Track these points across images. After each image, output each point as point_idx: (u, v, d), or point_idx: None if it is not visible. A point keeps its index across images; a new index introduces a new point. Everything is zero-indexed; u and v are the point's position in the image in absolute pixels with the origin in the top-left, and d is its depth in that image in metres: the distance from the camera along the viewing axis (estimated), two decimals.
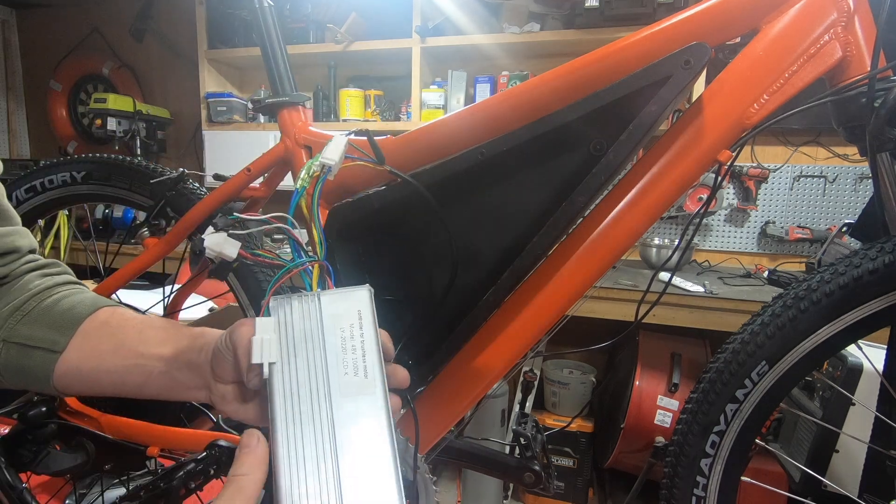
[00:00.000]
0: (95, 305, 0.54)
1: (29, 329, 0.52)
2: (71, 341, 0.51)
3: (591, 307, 1.56)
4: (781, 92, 0.55)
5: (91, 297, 0.55)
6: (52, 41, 2.88)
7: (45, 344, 0.51)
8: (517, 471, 0.77)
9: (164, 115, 2.65)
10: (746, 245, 2.11)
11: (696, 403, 0.64)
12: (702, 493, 0.64)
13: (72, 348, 0.51)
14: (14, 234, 0.55)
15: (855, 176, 1.97)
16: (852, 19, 0.54)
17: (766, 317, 0.61)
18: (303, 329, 0.37)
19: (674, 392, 1.67)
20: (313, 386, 0.35)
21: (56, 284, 0.56)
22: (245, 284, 0.85)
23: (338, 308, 0.37)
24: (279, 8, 0.99)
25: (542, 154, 0.58)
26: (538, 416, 1.98)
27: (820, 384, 1.45)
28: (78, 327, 0.52)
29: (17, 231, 0.56)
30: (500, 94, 0.63)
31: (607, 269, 0.62)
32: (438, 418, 0.68)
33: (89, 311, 0.53)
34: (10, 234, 0.54)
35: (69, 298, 0.54)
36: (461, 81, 2.18)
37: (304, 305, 0.38)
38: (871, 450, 0.96)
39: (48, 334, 0.51)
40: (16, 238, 0.55)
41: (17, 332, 0.52)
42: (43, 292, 0.54)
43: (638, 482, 1.07)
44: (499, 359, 0.65)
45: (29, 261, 0.56)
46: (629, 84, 0.54)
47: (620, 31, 1.83)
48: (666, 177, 0.59)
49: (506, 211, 0.60)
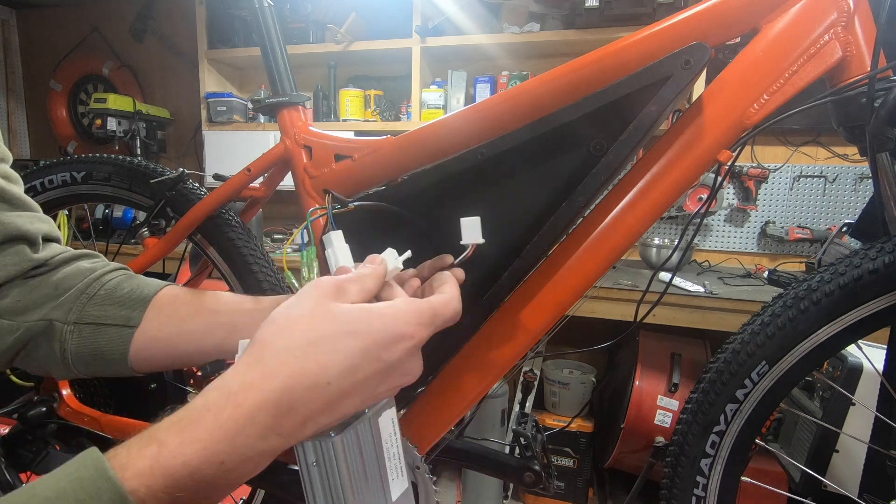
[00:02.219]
0: (159, 285, 0.55)
1: (98, 310, 0.52)
2: (145, 315, 0.52)
3: (591, 307, 1.56)
4: (781, 92, 0.55)
5: (151, 280, 0.56)
6: (52, 41, 2.88)
7: (119, 321, 0.52)
8: (517, 471, 0.77)
9: (164, 115, 2.65)
10: (746, 245, 2.11)
11: (696, 403, 0.64)
12: (702, 493, 0.64)
13: (147, 321, 0.52)
14: (37, 220, 0.55)
15: (855, 176, 1.97)
16: (852, 19, 0.54)
17: (766, 317, 0.61)
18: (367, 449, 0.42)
19: (674, 392, 1.67)
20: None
21: (111, 270, 0.57)
22: (246, 286, 0.85)
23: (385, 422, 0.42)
24: (279, 8, 0.99)
25: (542, 154, 0.58)
26: (538, 416, 1.98)
27: (820, 384, 1.45)
28: (149, 304, 0.53)
29: (39, 217, 0.56)
30: (500, 94, 0.63)
31: (607, 270, 0.62)
32: (438, 418, 0.68)
33: (156, 289, 0.54)
34: (36, 222, 0.55)
35: (131, 280, 0.56)
36: (461, 81, 2.18)
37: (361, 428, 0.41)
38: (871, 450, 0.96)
39: (120, 311, 0.52)
40: (39, 225, 0.55)
41: (87, 313, 0.52)
42: (103, 276, 0.55)
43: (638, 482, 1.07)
44: (498, 359, 0.65)
45: (64, 249, 0.57)
46: (629, 84, 0.54)
47: (620, 31, 1.83)
48: (666, 177, 0.59)
49: (505, 211, 0.60)
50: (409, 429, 0.68)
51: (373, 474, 0.40)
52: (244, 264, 0.83)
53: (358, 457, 0.39)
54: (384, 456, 0.41)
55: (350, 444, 0.38)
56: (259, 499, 0.88)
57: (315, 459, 0.37)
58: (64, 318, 0.52)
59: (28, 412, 0.84)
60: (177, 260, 1.21)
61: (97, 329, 0.52)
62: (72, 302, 0.53)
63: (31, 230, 0.53)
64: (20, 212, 0.53)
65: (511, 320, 0.64)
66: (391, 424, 0.42)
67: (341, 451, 0.37)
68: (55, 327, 0.52)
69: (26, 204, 0.55)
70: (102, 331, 0.52)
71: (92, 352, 0.52)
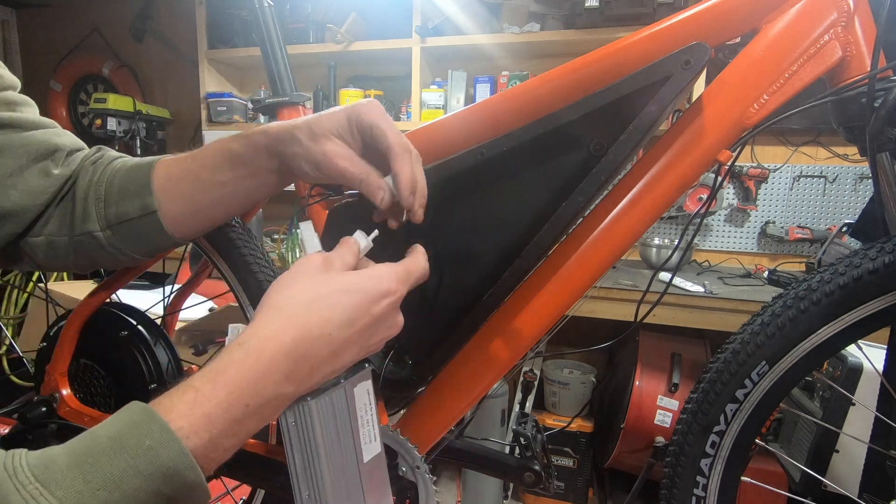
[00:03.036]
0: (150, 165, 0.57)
1: (116, 209, 0.56)
2: (155, 197, 0.55)
3: (591, 307, 1.56)
4: (781, 92, 0.55)
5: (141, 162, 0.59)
6: (52, 41, 2.88)
7: (140, 211, 0.55)
8: (517, 471, 0.77)
9: (164, 115, 2.65)
10: (746, 245, 2.11)
11: (696, 403, 0.64)
12: (702, 493, 0.64)
13: (162, 203, 0.55)
14: (50, 135, 0.58)
15: (855, 176, 1.97)
16: (852, 19, 0.54)
17: (766, 317, 0.61)
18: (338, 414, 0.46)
19: (674, 392, 1.67)
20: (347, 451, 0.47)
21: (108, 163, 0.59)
22: (245, 285, 0.85)
23: (361, 391, 0.47)
24: (279, 8, 0.99)
25: (542, 154, 0.58)
26: (538, 416, 1.98)
27: (820, 384, 1.45)
28: (151, 187, 0.55)
29: (53, 133, 0.59)
30: (500, 94, 0.63)
31: (607, 269, 0.62)
32: (438, 418, 0.68)
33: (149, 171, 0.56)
34: (47, 136, 0.57)
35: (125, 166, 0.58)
36: (461, 81, 2.18)
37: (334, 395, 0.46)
38: (871, 450, 0.96)
39: (134, 203, 0.55)
40: (52, 138, 0.58)
41: (111, 214, 0.56)
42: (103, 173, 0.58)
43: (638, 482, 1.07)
44: (499, 358, 0.65)
45: (86, 156, 0.60)
46: (629, 84, 0.54)
47: (620, 31, 1.83)
48: (666, 177, 0.59)
49: (506, 211, 0.60)
50: (409, 429, 0.68)
51: (345, 436, 0.45)
52: (244, 264, 0.83)
53: (331, 419, 0.44)
54: (358, 422, 0.46)
55: (324, 408, 0.43)
56: (259, 499, 0.88)
57: (294, 420, 0.42)
58: (97, 227, 0.56)
59: (28, 412, 0.84)
60: (177, 260, 1.21)
61: (129, 224, 0.56)
62: (94, 210, 0.56)
63: (49, 147, 0.57)
64: (34, 131, 0.57)
65: (511, 320, 0.64)
66: (367, 395, 0.47)
67: (316, 414, 0.43)
68: (96, 237, 0.56)
69: (40, 123, 0.58)
70: (135, 224, 0.56)
71: (141, 243, 0.57)
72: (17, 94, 0.58)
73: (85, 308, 0.85)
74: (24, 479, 0.30)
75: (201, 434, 0.35)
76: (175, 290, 1.06)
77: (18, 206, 0.55)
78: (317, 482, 0.44)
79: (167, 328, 1.00)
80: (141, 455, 0.32)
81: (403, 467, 0.64)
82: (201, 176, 0.55)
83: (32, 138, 0.56)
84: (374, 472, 0.49)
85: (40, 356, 0.90)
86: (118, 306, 0.93)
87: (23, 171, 0.55)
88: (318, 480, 0.44)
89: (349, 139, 0.50)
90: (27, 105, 0.58)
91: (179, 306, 1.08)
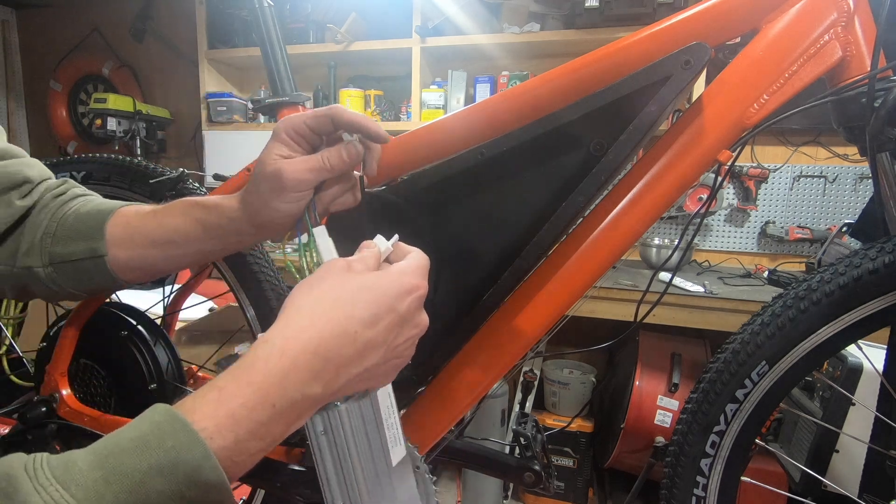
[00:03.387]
0: (109, 210, 0.56)
1: (63, 247, 0.55)
2: (106, 242, 0.54)
3: (591, 307, 1.56)
4: (781, 92, 0.55)
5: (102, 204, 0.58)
6: (52, 41, 2.87)
7: (86, 254, 0.54)
8: (517, 471, 0.77)
9: (164, 115, 2.64)
10: (746, 245, 2.11)
11: (696, 403, 0.64)
12: (702, 493, 0.64)
13: (111, 248, 0.54)
14: (21, 165, 0.57)
15: (855, 176, 1.97)
16: (852, 19, 0.54)
17: (766, 317, 0.61)
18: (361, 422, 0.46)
19: (674, 392, 1.67)
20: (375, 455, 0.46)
21: (68, 200, 0.59)
22: (245, 285, 0.85)
23: (383, 394, 0.46)
24: (279, 8, 0.99)
25: (543, 154, 0.58)
26: (538, 416, 1.98)
27: (820, 384, 1.45)
28: (104, 233, 0.54)
29: (24, 163, 0.58)
30: (500, 94, 0.63)
31: (607, 269, 0.62)
32: (438, 418, 0.68)
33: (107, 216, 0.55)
34: (18, 167, 0.57)
35: (85, 207, 0.57)
36: (461, 81, 2.18)
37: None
38: (871, 450, 0.96)
39: (82, 245, 0.55)
40: (23, 169, 0.57)
41: (55, 253, 0.55)
42: (60, 209, 0.57)
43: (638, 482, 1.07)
44: (498, 359, 0.65)
45: (49, 188, 0.59)
46: (629, 84, 0.54)
47: (620, 31, 1.83)
48: (666, 177, 0.59)
49: (506, 211, 0.60)
50: (410, 428, 0.68)
51: (374, 441, 0.44)
52: (244, 264, 0.83)
53: (361, 425, 0.43)
54: (384, 425, 0.45)
55: (353, 413, 0.42)
56: (259, 499, 0.88)
57: (323, 428, 0.41)
58: (39, 263, 0.55)
59: (28, 412, 0.84)
60: None
61: (73, 265, 0.55)
62: (39, 246, 0.56)
63: (17, 179, 0.56)
64: (3, 161, 0.56)
65: (511, 320, 0.64)
66: (388, 398, 0.46)
67: (346, 419, 0.42)
68: (35, 272, 0.55)
69: (8, 153, 0.57)
70: (78, 265, 0.55)
71: (81, 283, 0.56)
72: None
73: (85, 308, 0.85)
74: (45, 480, 0.30)
75: (226, 435, 0.34)
76: (175, 290, 1.06)
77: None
78: (352, 491, 0.42)
79: (167, 328, 1.00)
80: (164, 456, 0.32)
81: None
82: (156, 236, 0.54)
83: (1, 169, 0.56)
84: (404, 475, 0.48)
85: (40, 356, 0.90)
86: (118, 306, 0.93)
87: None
88: (354, 489, 0.42)
89: (299, 149, 0.50)
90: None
91: (179, 306, 1.08)
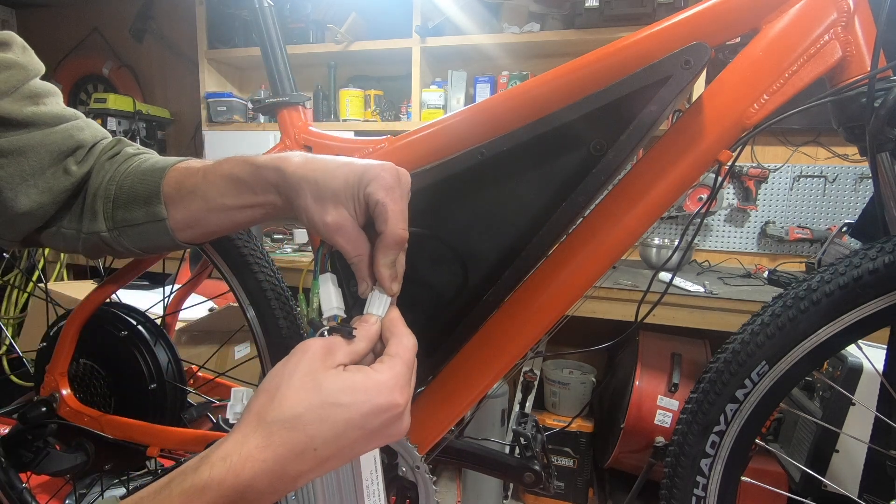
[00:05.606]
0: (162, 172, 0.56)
1: (124, 213, 0.56)
2: (163, 205, 0.54)
3: (591, 307, 1.56)
4: (781, 92, 0.55)
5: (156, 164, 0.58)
6: (52, 41, 2.87)
7: (147, 218, 0.54)
8: (517, 471, 0.77)
9: (164, 115, 2.65)
10: (746, 245, 2.11)
11: (696, 403, 0.64)
12: (702, 493, 0.64)
13: (171, 210, 0.54)
14: (73, 129, 0.58)
15: (855, 176, 1.97)
16: (852, 19, 0.54)
17: (766, 317, 0.61)
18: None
19: (674, 392, 1.67)
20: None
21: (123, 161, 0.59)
22: (246, 286, 0.85)
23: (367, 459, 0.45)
24: (279, 8, 0.99)
25: (543, 154, 0.58)
26: (538, 416, 1.98)
27: (820, 384, 1.45)
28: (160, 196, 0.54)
29: (75, 126, 0.59)
30: (500, 94, 0.63)
31: (607, 269, 0.62)
32: (438, 418, 0.68)
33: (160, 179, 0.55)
34: (70, 131, 0.57)
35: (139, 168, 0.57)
36: (461, 81, 2.18)
37: None
38: (871, 450, 0.96)
39: (143, 209, 0.55)
40: (75, 133, 0.58)
41: (119, 218, 0.56)
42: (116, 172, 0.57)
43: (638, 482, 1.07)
44: (499, 358, 0.65)
45: (104, 150, 0.60)
46: (629, 84, 0.54)
47: (620, 31, 1.83)
48: (666, 177, 0.59)
49: (506, 211, 0.60)
50: (410, 428, 0.68)
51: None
52: (244, 265, 0.83)
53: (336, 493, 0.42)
54: (364, 492, 0.43)
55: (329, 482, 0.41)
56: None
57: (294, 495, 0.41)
58: (104, 228, 0.56)
59: (28, 412, 0.84)
60: (177, 260, 1.21)
61: (137, 229, 0.55)
62: (101, 211, 0.56)
63: (70, 144, 0.57)
64: (56, 127, 0.57)
65: (511, 320, 0.64)
66: (373, 462, 0.44)
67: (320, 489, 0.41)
68: (103, 237, 0.56)
69: (62, 116, 0.58)
70: (142, 229, 0.55)
71: (147, 245, 0.57)
72: (41, 83, 0.57)
73: (85, 308, 0.85)
74: None
75: None
76: (175, 290, 1.06)
77: (38, 204, 0.55)
78: None
79: (167, 328, 1.00)
80: None
81: (403, 467, 0.64)
82: (209, 195, 0.53)
83: (54, 135, 0.56)
84: None
85: (40, 356, 0.90)
86: (118, 306, 0.93)
87: (44, 171, 0.55)
88: None
89: (353, 206, 0.46)
90: (51, 95, 0.58)
91: (179, 306, 1.08)
